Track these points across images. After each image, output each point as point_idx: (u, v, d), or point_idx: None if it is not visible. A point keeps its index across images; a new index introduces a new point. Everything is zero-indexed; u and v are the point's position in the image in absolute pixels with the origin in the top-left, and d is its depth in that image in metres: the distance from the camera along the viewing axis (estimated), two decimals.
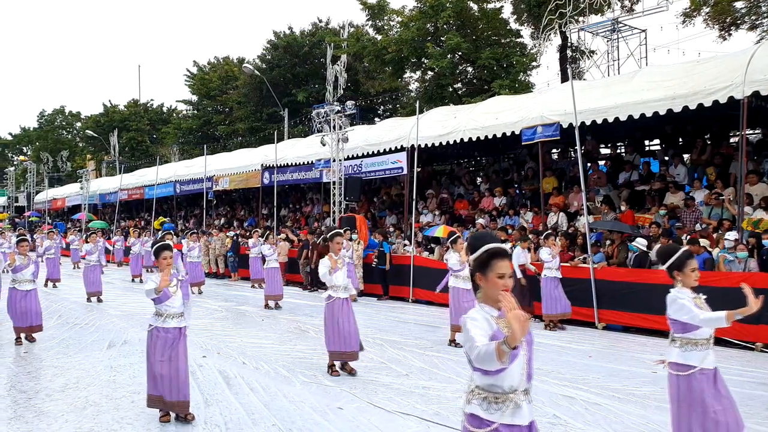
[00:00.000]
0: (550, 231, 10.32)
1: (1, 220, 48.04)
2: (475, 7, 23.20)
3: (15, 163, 66.98)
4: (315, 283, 15.46)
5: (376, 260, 13.45)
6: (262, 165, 20.05)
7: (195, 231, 16.91)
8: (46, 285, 15.74)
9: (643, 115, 10.06)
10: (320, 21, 34.92)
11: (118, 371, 6.91)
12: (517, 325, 2.26)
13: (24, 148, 74.84)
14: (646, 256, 9.57)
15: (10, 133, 78.15)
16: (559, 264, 9.55)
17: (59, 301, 13.37)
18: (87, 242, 14.62)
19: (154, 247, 5.21)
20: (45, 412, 5.50)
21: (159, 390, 5.05)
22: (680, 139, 13.57)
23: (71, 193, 37.57)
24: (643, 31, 19.53)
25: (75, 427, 5.08)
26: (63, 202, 38.71)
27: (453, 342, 8.30)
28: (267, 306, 12.16)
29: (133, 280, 17.85)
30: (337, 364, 6.78)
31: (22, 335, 8.58)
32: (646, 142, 15.00)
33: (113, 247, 23.33)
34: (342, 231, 7.47)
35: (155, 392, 5.10)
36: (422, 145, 13.94)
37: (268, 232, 13.89)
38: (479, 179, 17.20)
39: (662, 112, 9.80)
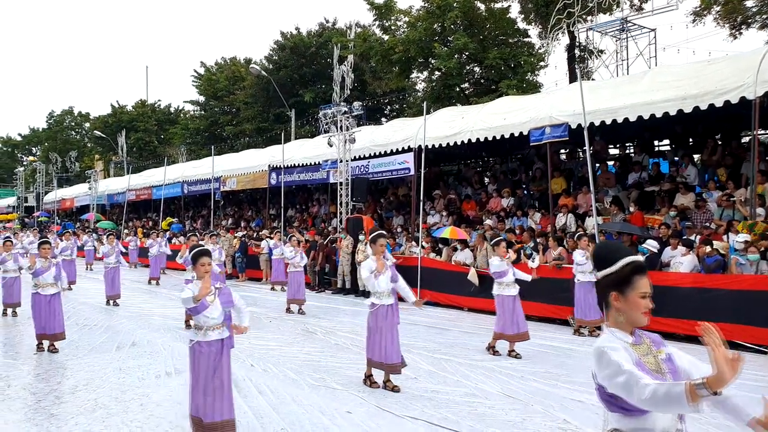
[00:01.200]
0: (582, 231, 9.82)
1: (10, 220, 48.40)
2: (482, 6, 23.11)
3: (24, 163, 67.42)
4: (321, 284, 15.48)
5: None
6: (269, 165, 20.06)
7: (215, 232, 16.60)
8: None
9: (653, 116, 9.98)
10: (327, 21, 34.95)
11: (127, 373, 6.91)
12: (726, 366, 1.83)
13: (33, 148, 75.43)
14: (657, 258, 9.50)
15: (20, 134, 78.86)
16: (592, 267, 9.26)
17: (69, 302, 13.29)
18: (103, 243, 14.43)
19: (192, 253, 4.80)
20: (55, 414, 5.51)
21: (203, 411, 4.55)
22: (690, 140, 13.46)
23: (80, 193, 37.78)
24: (653, 30, 19.36)
25: (84, 430, 5.08)
26: (72, 202, 38.93)
27: (492, 349, 7.95)
28: (289, 310, 11.69)
29: (149, 283, 17.29)
30: (376, 374, 6.33)
31: (45, 343, 8.18)
32: (656, 143, 14.89)
33: (126, 248, 23.34)
34: (384, 233, 6.78)
35: (203, 416, 4.55)
36: (429, 146, 13.89)
37: (291, 233, 13.77)
38: (487, 180, 17.13)
39: (673, 113, 9.72)
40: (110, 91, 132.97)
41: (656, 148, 14.73)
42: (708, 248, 8.92)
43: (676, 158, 12.72)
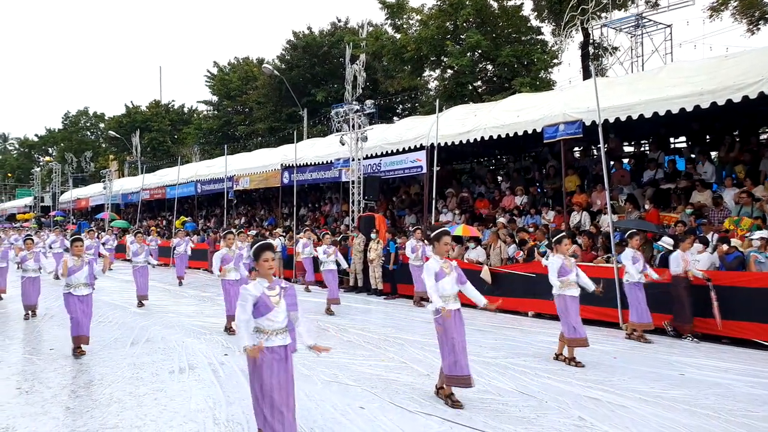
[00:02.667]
0: (634, 230, 8.97)
1: (27, 219, 49.02)
2: (495, 4, 23.04)
3: (41, 163, 68.22)
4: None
5: (382, 259, 13.47)
6: (281, 165, 20.12)
7: (241, 230, 16.13)
8: None
9: (668, 112, 9.85)
10: (339, 20, 35.05)
11: (141, 368, 6.95)
12: None
13: (49, 148, 76.40)
14: None
15: (36, 135, 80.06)
16: (643, 267, 8.52)
17: None
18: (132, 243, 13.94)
19: (254, 248, 4.31)
20: (71, 408, 5.55)
21: (270, 428, 4.17)
22: (707, 136, 13.29)
23: (95, 193, 38.17)
24: (669, 26, 19.20)
25: (100, 424, 5.11)
26: (87, 201, 39.34)
27: (560, 356, 7.25)
28: (329, 311, 11.16)
29: (180, 284, 16.71)
30: (455, 391, 5.61)
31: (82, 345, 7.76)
32: (672, 140, 14.73)
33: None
34: (449, 230, 5.87)
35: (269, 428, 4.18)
36: (442, 144, 13.85)
37: (325, 232, 13.61)
38: (500, 178, 17.05)
39: (689, 109, 9.58)
40: (124, 92, 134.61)
41: (672, 145, 14.57)
42: (725, 246, 8.79)
43: (693, 155, 12.57)
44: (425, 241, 11.64)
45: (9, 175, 78.53)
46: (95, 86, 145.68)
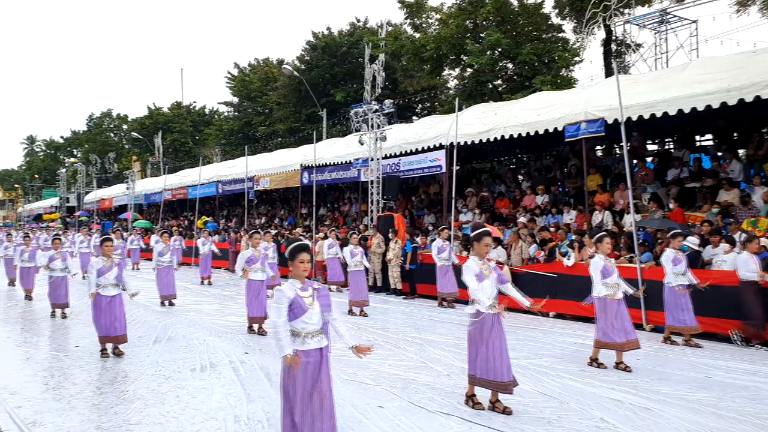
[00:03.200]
0: (677, 230, 8.64)
1: (53, 219, 49.97)
2: (515, 2, 22.85)
3: (66, 164, 69.54)
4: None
5: (401, 259, 13.43)
6: (301, 165, 20.22)
7: (269, 230, 16.14)
8: None
9: (694, 109, 9.68)
10: (358, 21, 35.07)
11: (163, 366, 7.03)
12: None
13: (74, 150, 77.83)
14: (698, 256, 9.21)
15: (62, 137, 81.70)
16: (686, 268, 8.17)
17: None
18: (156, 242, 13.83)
19: (290, 248, 4.13)
20: (96, 404, 5.64)
21: None
22: (734, 134, 13.01)
23: (118, 193, 38.75)
24: (694, 21, 18.82)
25: (123, 420, 5.18)
26: (110, 202, 39.96)
27: (595, 362, 6.94)
28: (351, 312, 11.13)
29: (202, 283, 16.71)
30: (480, 393, 5.47)
31: (108, 347, 7.72)
32: (697, 138, 14.46)
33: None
34: (489, 230, 5.53)
35: None
36: (461, 143, 13.78)
37: (353, 232, 13.55)
38: (521, 177, 16.91)
39: (715, 106, 9.40)
40: (147, 94, 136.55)
41: (698, 143, 14.30)
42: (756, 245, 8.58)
43: (719, 153, 12.31)
44: (457, 241, 11.57)
45: (36, 176, 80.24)
46: (118, 88, 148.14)
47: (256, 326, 9.23)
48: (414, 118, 29.62)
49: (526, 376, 6.49)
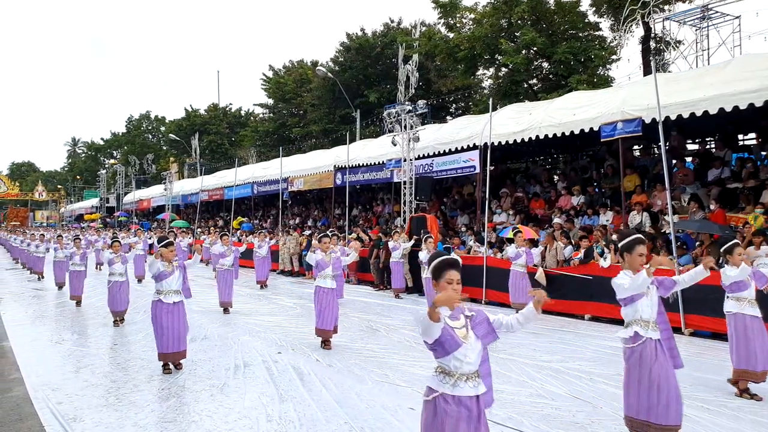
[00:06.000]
0: (736, 241, 7.60)
1: (93, 220, 51.47)
2: (551, 0, 22.53)
3: (106, 166, 71.58)
4: (385, 282, 15.50)
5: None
6: (334, 166, 20.35)
7: (337, 233, 15.28)
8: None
9: (736, 108, 9.39)
10: (392, 21, 35.14)
11: (199, 365, 7.16)
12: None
13: (114, 152, 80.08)
14: None
15: (102, 138, 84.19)
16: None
17: (146, 296, 13.75)
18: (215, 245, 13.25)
19: (434, 264, 3.22)
20: (133, 401, 5.78)
21: None
22: None
23: (156, 194, 39.71)
24: (737, 17, 18.22)
25: (159, 417, 5.30)
26: (149, 202, 40.98)
27: (744, 392, 5.84)
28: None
29: (262, 287, 15.58)
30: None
31: (171, 364, 6.90)
32: (740, 137, 14.01)
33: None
34: (643, 238, 4.53)
35: None
36: (495, 143, 13.65)
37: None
38: (556, 177, 16.66)
39: (758, 104, 9.11)
40: (184, 96, 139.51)
41: (740, 143, 13.85)
42: None
43: (763, 153, 11.90)
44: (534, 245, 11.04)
45: (78, 177, 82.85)
46: (156, 91, 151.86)
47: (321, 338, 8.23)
48: (448, 118, 29.53)
49: (559, 380, 6.40)
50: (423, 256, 10.81)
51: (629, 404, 4.34)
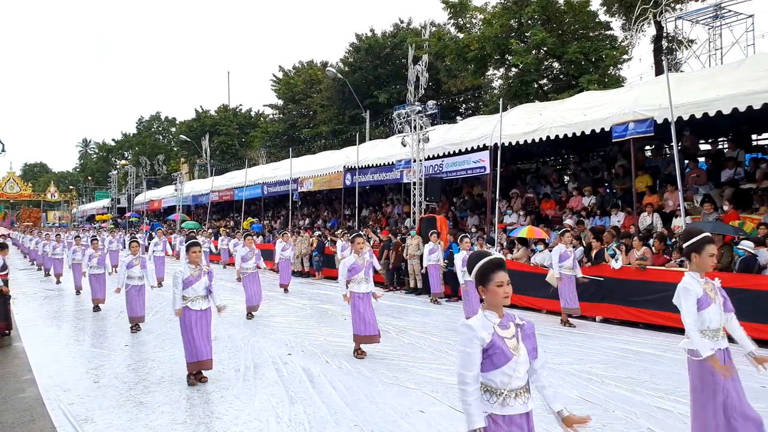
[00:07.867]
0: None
1: (104, 220, 51.87)
2: (561, 0, 22.41)
3: (117, 167, 72.13)
4: (395, 283, 15.50)
5: (446, 261, 13.09)
6: (344, 167, 20.36)
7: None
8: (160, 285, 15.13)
9: (750, 108, 9.27)
10: (402, 22, 35.12)
11: None
12: None
13: (125, 152, 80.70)
14: (754, 260, 8.81)
15: (113, 139, 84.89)
16: None
17: (158, 297, 13.36)
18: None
19: (480, 265, 2.86)
20: (144, 402, 5.81)
21: None
22: None
23: (167, 194, 39.95)
24: (750, 16, 18.01)
25: (170, 419, 5.32)
26: (159, 203, 41.22)
27: None
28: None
29: (286, 291, 15.08)
30: None
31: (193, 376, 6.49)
32: (753, 137, 13.85)
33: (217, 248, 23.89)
34: (711, 236, 4.12)
35: None
36: (506, 144, 13.59)
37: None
38: (567, 178, 16.56)
39: None
40: (194, 97, 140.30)
41: (754, 143, 13.70)
42: None
43: None
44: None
45: (89, 178, 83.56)
46: (167, 92, 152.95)
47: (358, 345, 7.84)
48: (458, 118, 29.46)
49: (570, 383, 6.35)
50: (458, 259, 9.80)
51: (695, 426, 3.98)
